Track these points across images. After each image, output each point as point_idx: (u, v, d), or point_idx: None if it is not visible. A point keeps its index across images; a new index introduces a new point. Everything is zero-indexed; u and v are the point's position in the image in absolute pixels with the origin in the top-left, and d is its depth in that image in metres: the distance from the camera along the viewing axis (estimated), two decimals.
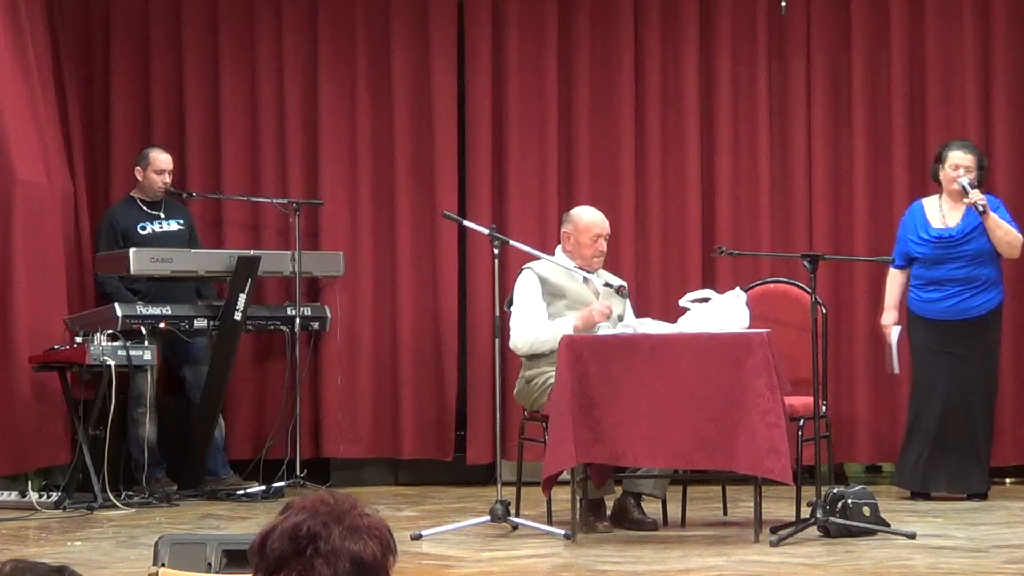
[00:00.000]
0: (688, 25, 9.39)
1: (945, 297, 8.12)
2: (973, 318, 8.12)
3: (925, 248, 8.13)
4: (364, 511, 2.45)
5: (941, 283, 8.12)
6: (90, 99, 9.46)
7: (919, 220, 8.23)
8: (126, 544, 6.82)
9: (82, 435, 8.08)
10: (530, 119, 9.41)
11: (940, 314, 8.12)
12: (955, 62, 9.25)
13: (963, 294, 8.11)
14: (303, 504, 2.45)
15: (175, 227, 8.99)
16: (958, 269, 8.10)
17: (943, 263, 8.10)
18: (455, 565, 6.24)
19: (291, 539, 2.41)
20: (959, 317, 8.10)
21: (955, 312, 8.11)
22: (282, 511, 2.48)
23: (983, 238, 8.09)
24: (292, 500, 2.49)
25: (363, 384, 9.38)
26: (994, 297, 8.18)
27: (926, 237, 8.17)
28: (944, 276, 8.11)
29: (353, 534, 2.41)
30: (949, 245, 8.12)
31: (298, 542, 2.40)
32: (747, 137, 9.39)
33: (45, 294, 8.51)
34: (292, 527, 2.41)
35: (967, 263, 8.11)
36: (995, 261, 8.17)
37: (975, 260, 8.11)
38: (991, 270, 8.16)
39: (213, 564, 4.12)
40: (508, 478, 7.41)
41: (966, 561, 6.14)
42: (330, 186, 9.42)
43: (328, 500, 2.45)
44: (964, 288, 8.11)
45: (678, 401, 6.59)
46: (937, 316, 8.13)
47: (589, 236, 7.51)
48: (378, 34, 9.47)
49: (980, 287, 8.12)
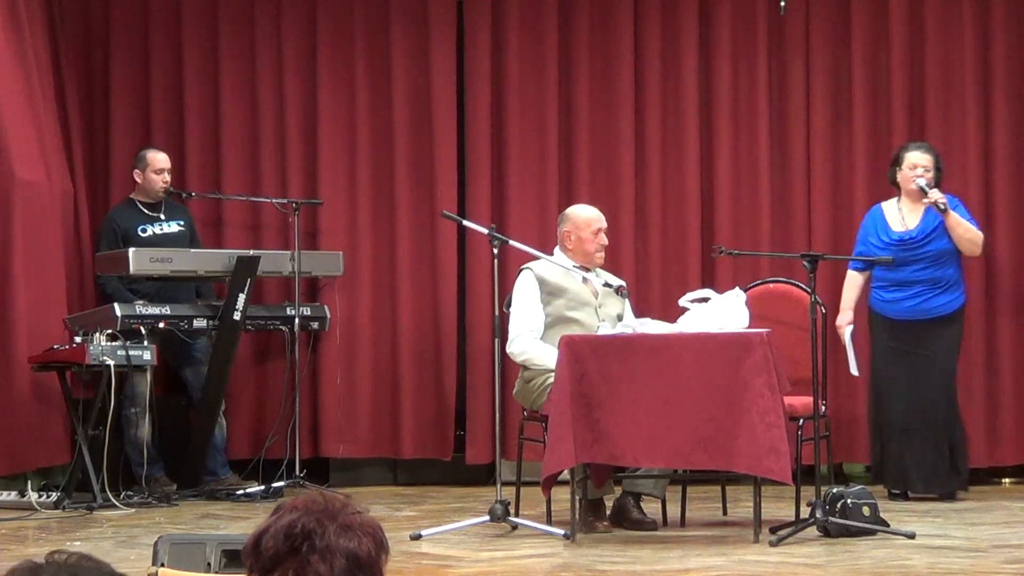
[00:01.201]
0: (688, 25, 9.39)
1: (908, 297, 8.19)
2: (935, 318, 8.17)
3: (887, 251, 8.17)
4: (356, 509, 2.45)
5: (903, 284, 8.18)
6: (90, 99, 9.46)
7: (879, 223, 8.29)
8: (125, 544, 6.82)
9: (81, 435, 8.08)
10: (530, 119, 9.41)
11: (903, 314, 8.19)
12: (955, 62, 9.25)
13: (926, 294, 8.18)
14: (295, 504, 2.45)
15: (176, 228, 8.99)
16: (921, 270, 8.16)
17: (906, 265, 8.15)
18: (454, 565, 6.24)
19: (286, 537, 2.41)
20: (921, 317, 8.17)
21: (918, 312, 8.17)
22: (274, 511, 2.48)
23: (944, 238, 8.16)
24: (283, 502, 2.49)
25: (362, 384, 9.38)
26: (957, 297, 8.25)
27: (887, 240, 8.22)
28: (907, 278, 8.16)
29: (347, 531, 2.41)
30: (910, 247, 8.17)
31: (293, 540, 2.40)
32: (747, 137, 9.39)
33: (45, 294, 8.51)
34: (286, 526, 2.41)
35: (929, 264, 8.17)
36: (957, 261, 8.24)
37: (937, 261, 8.17)
38: (953, 270, 8.23)
39: (212, 564, 4.12)
40: (507, 478, 7.42)
41: (965, 561, 6.14)
42: (329, 186, 9.42)
43: (319, 499, 2.45)
44: (927, 288, 8.17)
45: (678, 401, 6.59)
46: (899, 316, 8.20)
47: (590, 231, 7.53)
48: (377, 34, 9.46)
49: (943, 287, 8.19)
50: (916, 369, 8.19)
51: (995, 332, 9.16)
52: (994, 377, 9.14)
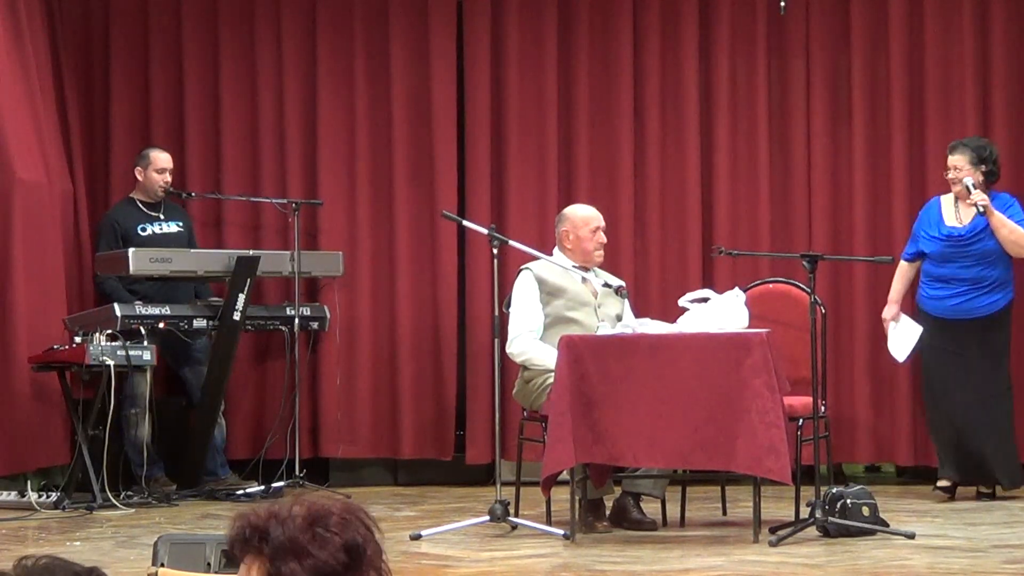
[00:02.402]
0: (688, 25, 9.39)
1: (951, 295, 8.12)
2: (979, 318, 8.11)
3: (936, 245, 8.13)
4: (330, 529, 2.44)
5: (948, 281, 8.12)
6: (90, 99, 9.46)
7: (934, 216, 8.23)
8: (125, 544, 6.82)
9: (81, 435, 8.08)
10: (529, 119, 9.41)
11: (946, 312, 8.12)
12: (955, 62, 9.25)
13: (969, 293, 8.11)
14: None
15: (175, 228, 8.99)
16: (965, 268, 8.10)
17: (951, 261, 8.10)
18: (454, 565, 6.24)
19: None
20: (965, 316, 8.09)
21: (961, 311, 8.09)
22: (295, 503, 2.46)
23: (993, 238, 8.07)
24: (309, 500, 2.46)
25: (362, 384, 9.38)
26: (1002, 298, 8.16)
27: (936, 235, 8.17)
28: (951, 275, 8.11)
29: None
30: (958, 244, 8.11)
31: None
32: (746, 137, 9.38)
33: (44, 294, 8.51)
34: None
35: (975, 263, 8.10)
36: (1005, 262, 8.14)
37: (983, 260, 8.09)
38: (1000, 271, 8.13)
39: (212, 564, 4.13)
40: (507, 478, 7.42)
41: (965, 561, 6.14)
42: (329, 186, 9.42)
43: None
44: (971, 288, 8.10)
45: (677, 401, 6.59)
46: (943, 314, 8.12)
47: (588, 229, 7.54)
48: (377, 34, 9.46)
49: (988, 287, 8.11)
50: (964, 370, 8.10)
51: None
52: None
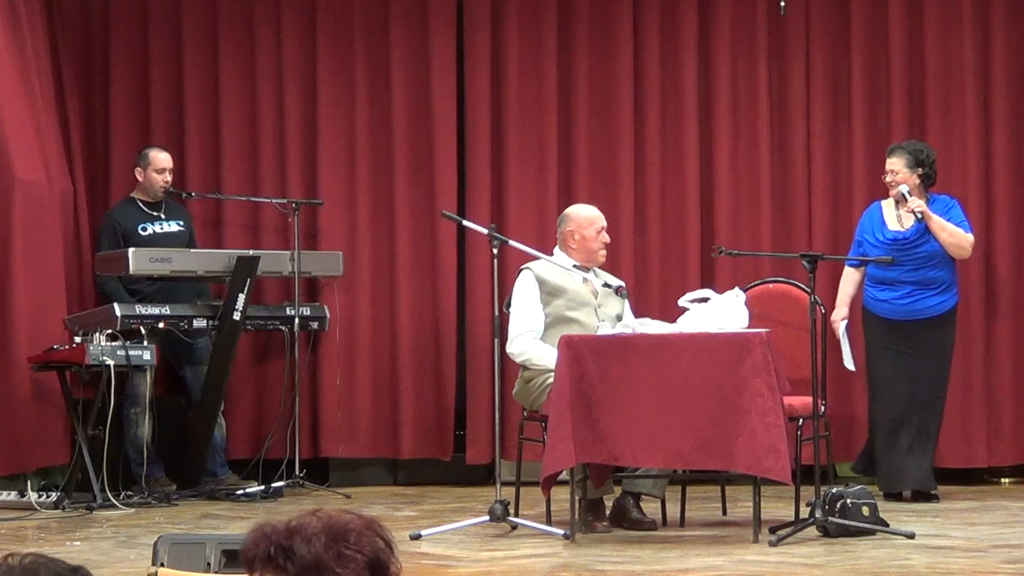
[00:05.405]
0: (687, 25, 9.39)
1: (899, 297, 8.20)
2: (928, 318, 8.18)
3: (880, 250, 8.18)
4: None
5: (893, 284, 8.19)
6: (90, 99, 9.46)
7: (876, 221, 8.31)
8: (125, 544, 6.82)
9: (81, 435, 8.08)
10: (529, 119, 9.41)
11: (893, 313, 8.21)
12: (955, 62, 9.25)
13: (916, 295, 8.19)
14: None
15: (175, 228, 9.00)
16: (912, 271, 8.18)
17: (897, 264, 8.14)
18: (454, 565, 6.24)
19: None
20: (912, 317, 8.18)
21: (908, 312, 8.18)
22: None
23: (936, 241, 8.14)
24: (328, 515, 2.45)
25: (362, 384, 9.38)
26: (949, 299, 8.26)
27: (881, 239, 8.24)
28: (897, 277, 8.18)
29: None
30: (903, 247, 8.18)
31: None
32: (746, 137, 9.39)
33: (44, 294, 8.51)
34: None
35: (921, 264, 8.18)
36: (949, 264, 8.25)
37: (929, 262, 8.18)
38: (945, 272, 8.23)
39: (212, 564, 4.13)
40: (507, 478, 7.42)
41: (965, 561, 6.15)
42: (329, 186, 9.42)
43: None
44: (917, 288, 8.18)
45: (677, 401, 6.59)
46: (890, 315, 8.22)
47: (593, 229, 7.54)
48: (377, 34, 9.46)
49: (934, 289, 8.19)
50: (908, 369, 8.20)
51: (994, 331, 9.16)
52: (993, 376, 9.14)
